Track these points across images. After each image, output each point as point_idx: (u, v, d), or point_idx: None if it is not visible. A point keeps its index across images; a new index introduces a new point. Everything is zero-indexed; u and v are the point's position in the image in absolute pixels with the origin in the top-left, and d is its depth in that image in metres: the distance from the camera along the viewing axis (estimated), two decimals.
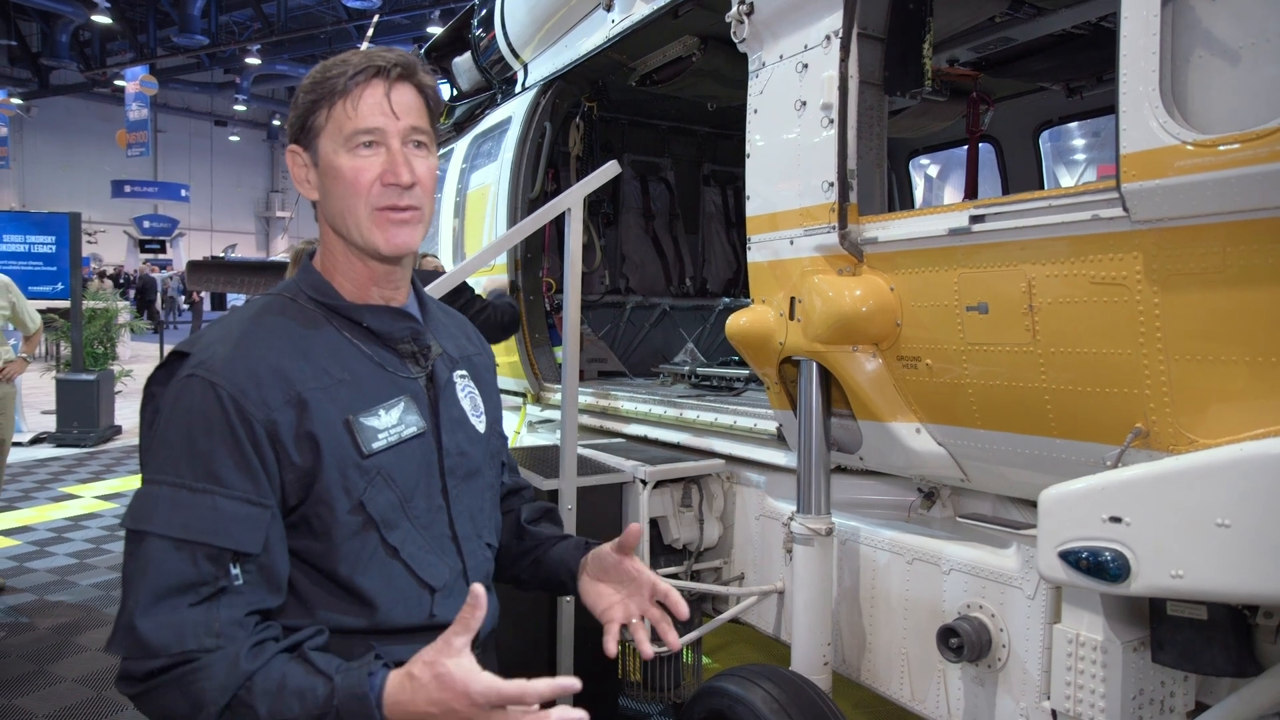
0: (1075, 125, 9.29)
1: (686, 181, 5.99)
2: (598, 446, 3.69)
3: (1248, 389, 1.63)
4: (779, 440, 3.05)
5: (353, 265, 1.34)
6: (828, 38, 2.45)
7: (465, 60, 5.71)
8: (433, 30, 18.42)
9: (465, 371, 1.47)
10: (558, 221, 3.25)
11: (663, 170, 5.88)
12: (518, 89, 5.05)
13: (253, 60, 30.07)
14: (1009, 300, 2.02)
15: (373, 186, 1.27)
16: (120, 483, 8.13)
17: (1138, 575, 1.69)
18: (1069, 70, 3.78)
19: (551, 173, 4.89)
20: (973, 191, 4.14)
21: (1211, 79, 1.61)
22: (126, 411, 10.79)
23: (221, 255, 31.70)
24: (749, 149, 2.81)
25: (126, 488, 7.90)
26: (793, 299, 2.56)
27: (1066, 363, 1.93)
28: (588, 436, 4.00)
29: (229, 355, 1.22)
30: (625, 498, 3.31)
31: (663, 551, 3.32)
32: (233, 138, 42.41)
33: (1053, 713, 2.09)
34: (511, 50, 4.97)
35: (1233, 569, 1.58)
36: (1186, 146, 1.59)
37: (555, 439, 4.06)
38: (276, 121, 41.56)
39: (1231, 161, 1.52)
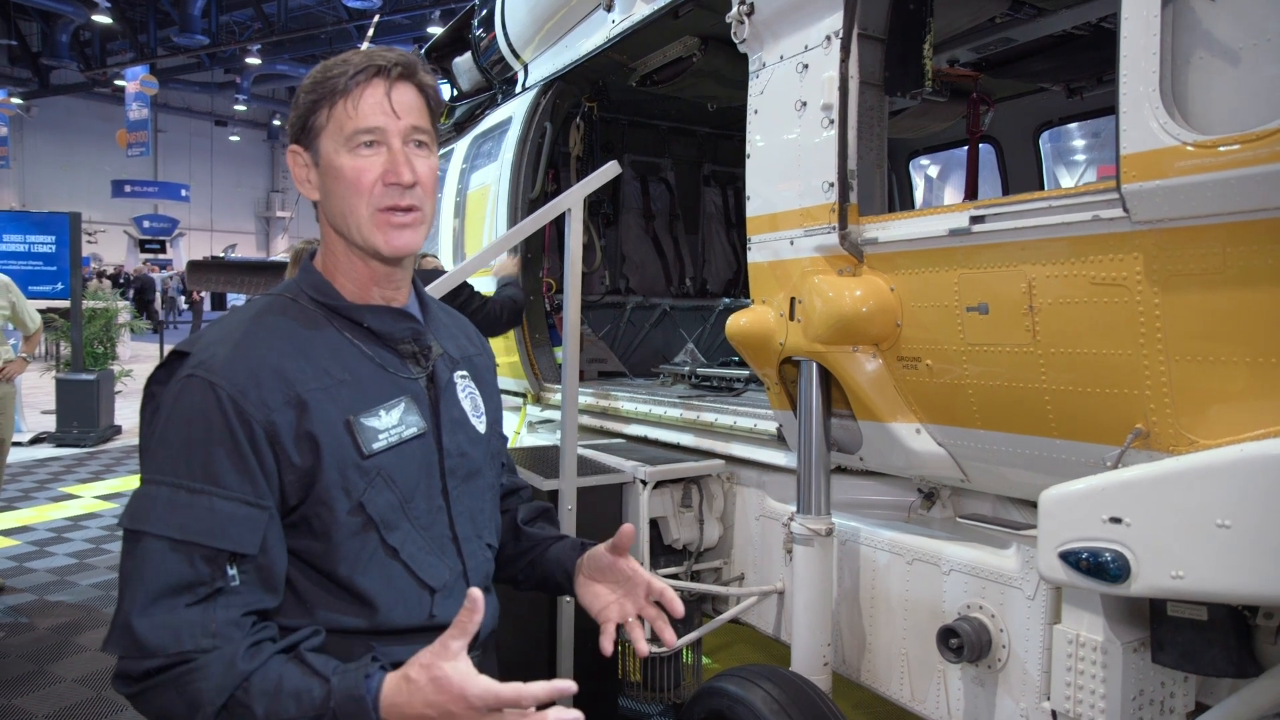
0: (1075, 126, 9.27)
1: (687, 182, 5.99)
2: (598, 447, 3.69)
3: (1248, 390, 1.63)
4: (779, 441, 3.05)
5: (354, 265, 1.34)
6: (828, 38, 2.45)
7: (465, 60, 5.71)
8: (433, 30, 18.42)
9: (466, 372, 1.47)
10: (558, 222, 3.24)
11: (663, 170, 5.88)
12: (518, 89, 5.05)
13: (253, 60, 30.08)
14: (1009, 301, 2.02)
15: (374, 187, 1.27)
16: (120, 483, 8.13)
17: (1138, 576, 1.69)
18: (1069, 71, 3.78)
19: (552, 173, 4.88)
20: (973, 192, 4.14)
21: (1212, 80, 1.61)
22: (126, 411, 10.79)
23: (221, 255, 31.68)
24: (749, 149, 2.81)
25: (126, 488, 7.89)
26: (793, 299, 2.56)
27: (1067, 363, 1.93)
28: (588, 437, 4.00)
29: (229, 356, 1.21)
30: (625, 498, 3.31)
31: (663, 552, 3.31)
32: (233, 138, 42.40)
33: (1053, 713, 2.09)
34: (512, 50, 4.97)
35: (1233, 570, 1.58)
36: (1187, 147, 1.59)
37: (555, 439, 4.06)
38: (277, 121, 41.54)
39: (1232, 162, 1.52)
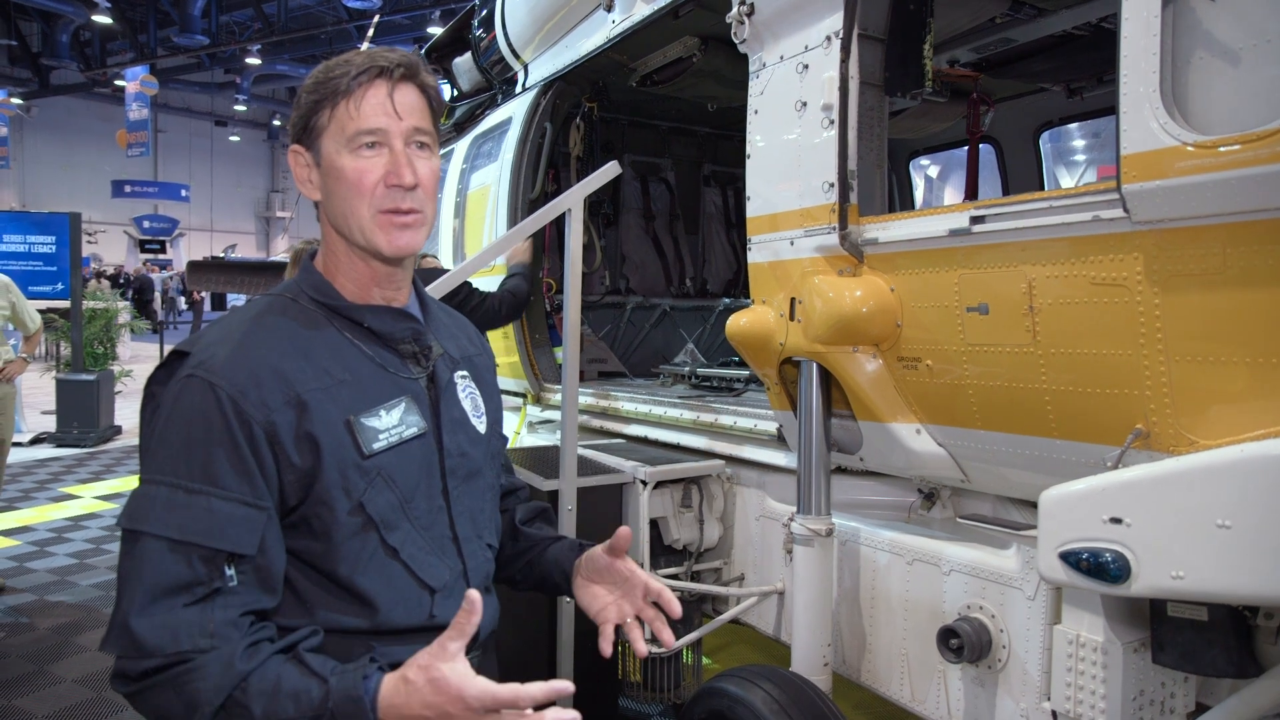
0: (1075, 126, 9.28)
1: (687, 182, 5.99)
2: (598, 447, 3.69)
3: (1248, 390, 1.63)
4: (779, 441, 3.05)
5: (355, 266, 1.34)
6: (828, 38, 2.45)
7: (466, 60, 5.71)
8: (433, 30, 18.42)
9: (466, 372, 1.47)
10: (558, 222, 3.24)
11: (663, 171, 5.87)
12: (518, 89, 5.05)
13: (253, 60, 30.07)
14: (1009, 301, 2.02)
15: (376, 188, 1.27)
16: (120, 483, 8.13)
17: (1138, 576, 1.69)
18: (1069, 71, 3.78)
19: (552, 173, 4.88)
20: (973, 192, 4.14)
21: (1212, 80, 1.61)
22: (126, 412, 10.79)
23: (221, 255, 31.67)
24: (749, 150, 2.80)
25: (126, 488, 7.89)
26: (793, 300, 2.56)
27: (1067, 363, 1.93)
28: (588, 437, 4.00)
29: (229, 356, 1.22)
30: (625, 498, 3.31)
31: (663, 552, 3.31)
32: (233, 138, 42.39)
33: (1053, 714, 2.09)
34: (512, 51, 4.97)
35: (1233, 570, 1.58)
36: (1187, 148, 1.58)
37: (555, 439, 4.06)
38: (277, 121, 41.53)
39: (1232, 163, 1.52)
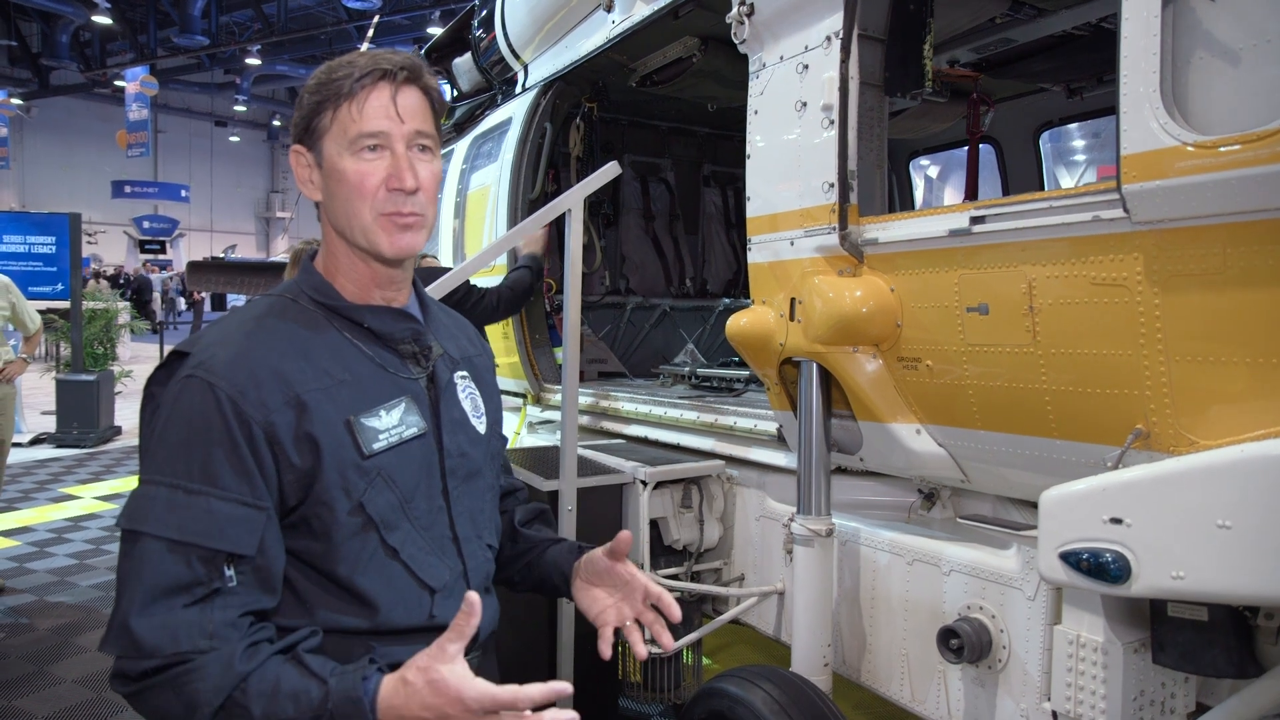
0: (1075, 126, 9.28)
1: (686, 182, 5.99)
2: (598, 447, 3.69)
3: (1248, 390, 1.63)
4: (779, 441, 3.05)
5: (355, 266, 1.34)
6: (828, 39, 2.45)
7: (465, 61, 5.71)
8: (433, 31, 18.42)
9: (466, 372, 1.47)
10: (558, 222, 3.24)
11: (663, 171, 5.87)
12: (518, 90, 5.05)
13: (253, 61, 30.06)
14: (1009, 301, 2.02)
15: (377, 191, 1.27)
16: (120, 483, 8.13)
17: (1138, 576, 1.69)
18: (1069, 71, 3.78)
19: (552, 174, 4.88)
20: (973, 192, 4.14)
21: (1212, 80, 1.61)
22: (126, 412, 10.79)
23: (221, 256, 31.68)
24: (749, 150, 2.80)
25: (126, 488, 7.89)
26: (793, 300, 2.56)
27: (1067, 364, 1.93)
28: (588, 437, 4.00)
29: (229, 356, 1.22)
30: (625, 499, 3.31)
31: (663, 552, 3.31)
32: (233, 138, 42.39)
33: (1053, 714, 2.09)
34: (512, 51, 4.97)
35: (1234, 570, 1.58)
36: (1187, 148, 1.58)
37: (555, 440, 4.06)
38: (277, 122, 41.53)
39: (1232, 163, 1.52)
